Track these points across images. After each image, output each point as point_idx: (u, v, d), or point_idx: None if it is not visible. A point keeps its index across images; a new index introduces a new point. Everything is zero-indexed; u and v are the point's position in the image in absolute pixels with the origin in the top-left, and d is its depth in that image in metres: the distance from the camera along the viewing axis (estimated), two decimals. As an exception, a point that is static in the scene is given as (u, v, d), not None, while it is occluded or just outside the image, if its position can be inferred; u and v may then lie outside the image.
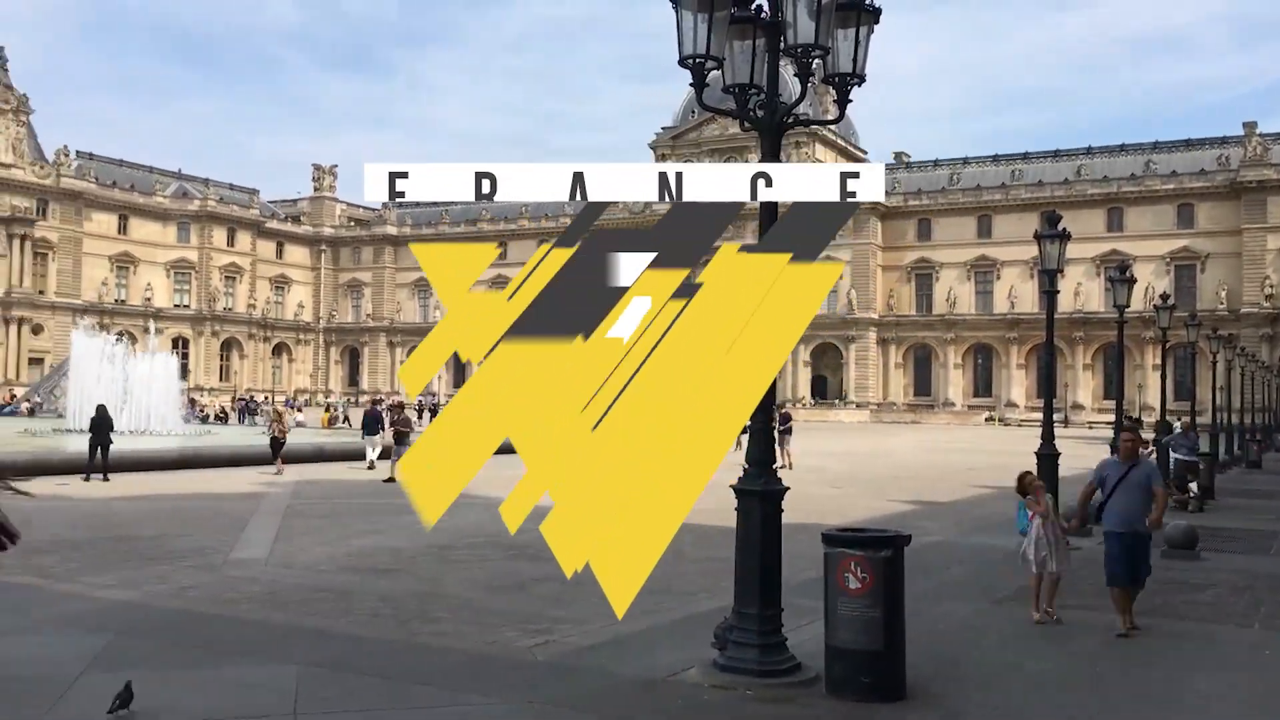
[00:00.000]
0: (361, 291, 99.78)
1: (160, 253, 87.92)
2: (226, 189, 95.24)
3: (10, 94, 77.97)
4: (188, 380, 72.05)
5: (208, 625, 8.22)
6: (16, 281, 76.31)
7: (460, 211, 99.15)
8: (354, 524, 14.47)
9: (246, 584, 9.86)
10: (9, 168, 76.99)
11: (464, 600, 9.36)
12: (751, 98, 6.92)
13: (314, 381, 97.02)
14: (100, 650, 7.19)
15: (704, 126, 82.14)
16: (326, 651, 7.39)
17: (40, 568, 10.37)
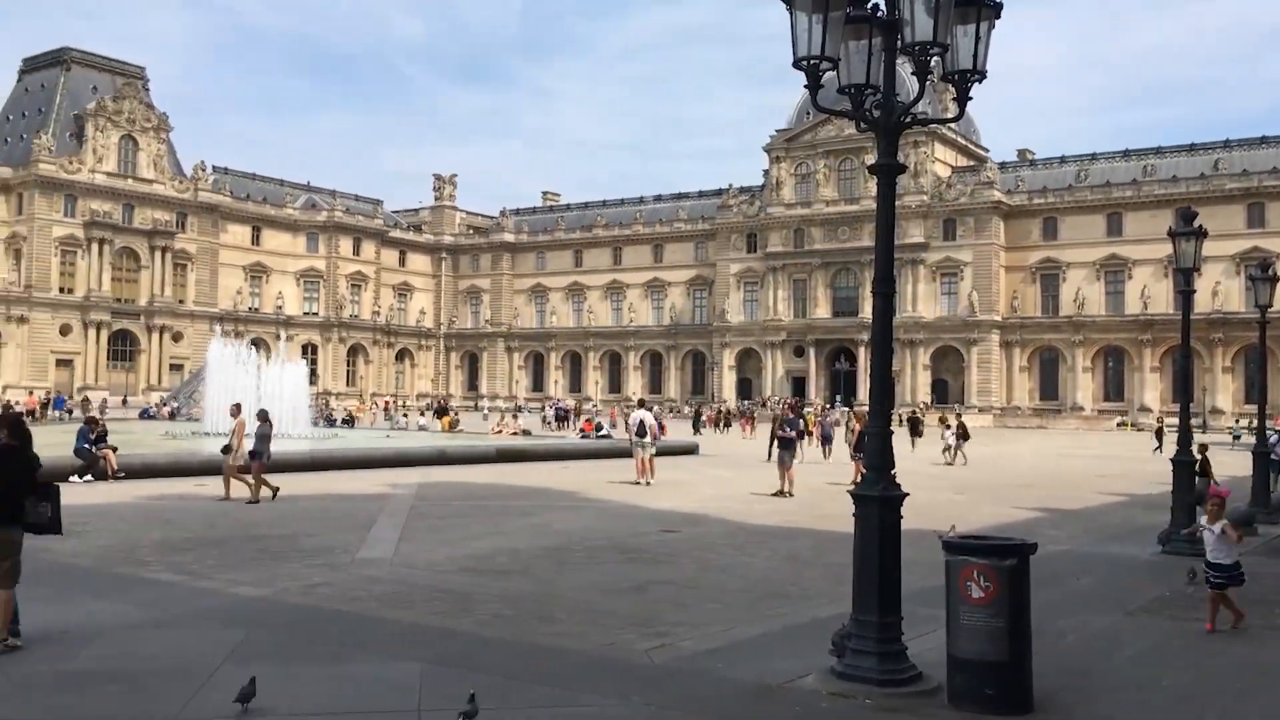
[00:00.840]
0: (480, 298, 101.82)
1: (290, 262, 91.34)
2: (352, 200, 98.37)
3: (151, 113, 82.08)
4: (316, 385, 74.63)
5: (335, 622, 8.48)
6: (158, 291, 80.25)
7: (575, 218, 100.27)
8: (474, 526, 14.75)
9: (371, 583, 10.13)
10: (150, 183, 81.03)
11: (581, 602, 9.45)
12: (868, 98, 6.82)
13: (435, 386, 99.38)
14: (236, 645, 7.49)
15: (819, 128, 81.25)
16: (449, 649, 7.55)
17: (180, 565, 10.87)
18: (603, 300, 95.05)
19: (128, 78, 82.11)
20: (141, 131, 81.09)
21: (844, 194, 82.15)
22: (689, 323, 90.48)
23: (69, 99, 79.23)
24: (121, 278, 79.12)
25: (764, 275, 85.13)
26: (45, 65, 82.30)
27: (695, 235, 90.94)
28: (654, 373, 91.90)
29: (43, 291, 74.63)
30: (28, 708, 6.06)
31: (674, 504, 17.76)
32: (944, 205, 78.50)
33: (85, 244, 76.60)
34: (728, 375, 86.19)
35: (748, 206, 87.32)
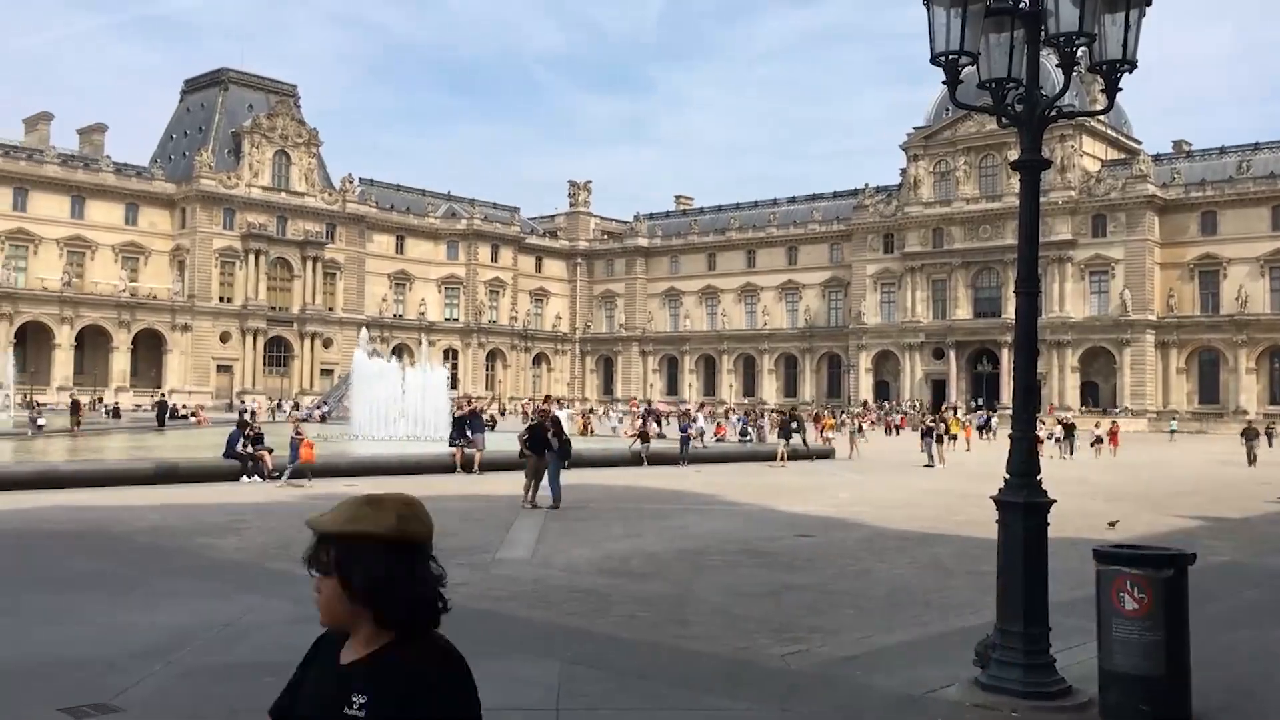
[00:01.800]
0: (615, 302, 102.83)
1: (432, 269, 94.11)
2: (490, 208, 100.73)
3: (303, 129, 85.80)
4: (457, 389, 76.66)
5: (476, 620, 8.68)
6: (309, 299, 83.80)
7: (709, 221, 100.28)
8: (610, 528, 14.89)
9: (510, 583, 10.34)
10: (302, 196, 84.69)
11: (717, 606, 9.44)
12: (1009, 92, 6.62)
13: (571, 390, 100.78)
14: (383, 639, 7.74)
15: (958, 125, 79.16)
16: (586, 650, 7.65)
17: (331, 561, 11.29)
18: (737, 303, 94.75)
19: (281, 95, 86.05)
20: (293, 146, 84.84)
21: (985, 191, 79.83)
22: (824, 325, 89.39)
23: (227, 117, 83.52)
24: (276, 286, 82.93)
25: (901, 276, 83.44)
26: (205, 86, 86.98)
27: (830, 236, 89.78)
28: (789, 376, 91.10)
29: (204, 301, 78.81)
30: (193, 696, 6.41)
31: (809, 508, 17.57)
32: (1093, 200, 75.43)
33: (243, 255, 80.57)
34: (864, 378, 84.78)
35: (884, 206, 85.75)
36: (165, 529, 13.70)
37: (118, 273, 76.81)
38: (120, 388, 72.79)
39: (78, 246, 75.92)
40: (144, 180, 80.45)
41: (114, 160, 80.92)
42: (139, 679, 6.55)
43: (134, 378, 75.89)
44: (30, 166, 74.72)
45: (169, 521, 14.36)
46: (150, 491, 18.14)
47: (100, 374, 74.09)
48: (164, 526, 13.92)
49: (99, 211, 77.15)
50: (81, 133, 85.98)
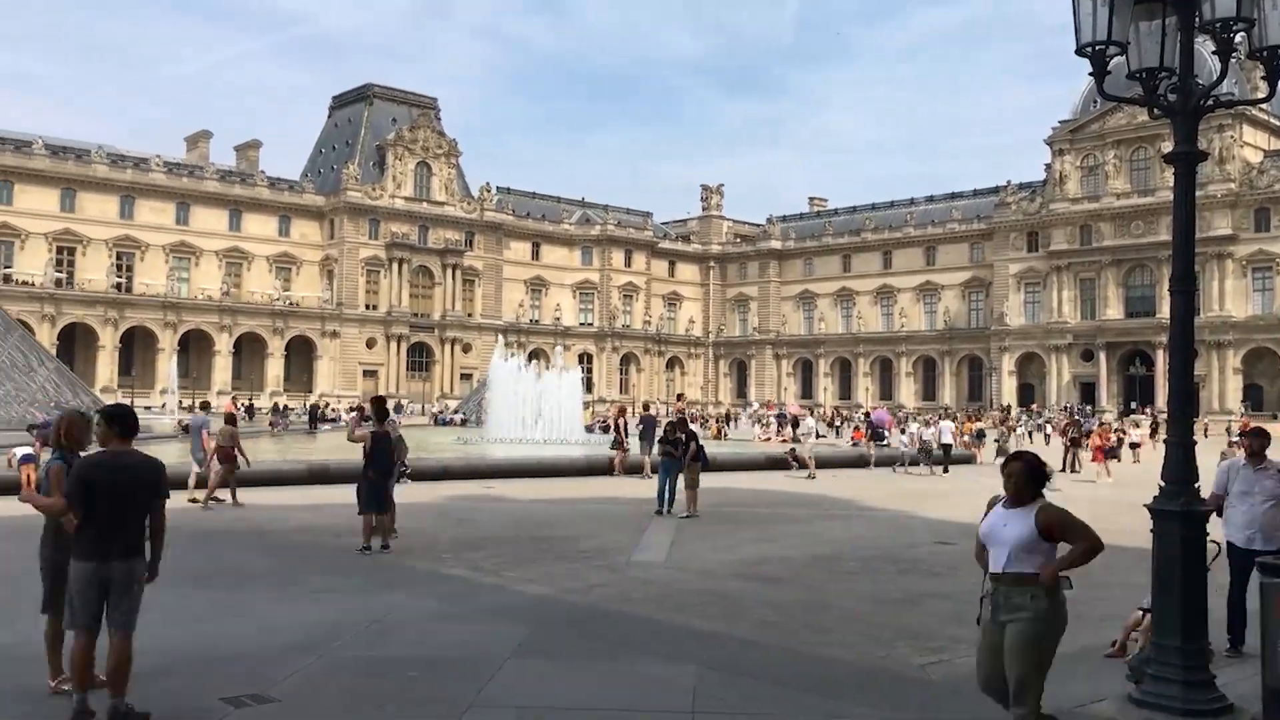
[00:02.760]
0: (748, 305, 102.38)
1: (567, 275, 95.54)
2: (623, 213, 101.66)
3: (443, 140, 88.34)
4: (591, 393, 77.62)
5: (612, 622, 8.77)
6: (449, 306, 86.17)
7: (843, 222, 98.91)
8: (745, 532, 14.83)
9: (646, 585, 10.40)
10: (442, 205, 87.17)
11: (853, 612, 9.30)
12: (1161, 82, 6.33)
13: (704, 393, 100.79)
14: (522, 640, 7.90)
15: (1107, 117, 75.99)
16: (720, 654, 7.63)
17: (472, 562, 11.59)
18: (872, 305, 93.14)
19: (422, 108, 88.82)
20: (434, 158, 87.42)
21: (1136, 185, 76.40)
22: (964, 326, 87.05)
23: (372, 131, 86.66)
24: (418, 294, 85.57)
25: (1047, 275, 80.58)
26: (351, 101, 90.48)
27: (970, 236, 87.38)
28: (927, 379, 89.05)
29: (351, 308, 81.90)
30: (343, 689, 6.66)
31: (950, 514, 17.13)
32: (1255, 193, 71.32)
33: (387, 263, 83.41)
34: (1007, 381, 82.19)
35: (1028, 203, 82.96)
36: (316, 528, 14.28)
37: (272, 282, 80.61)
38: (274, 392, 76.24)
39: (235, 258, 79.92)
40: (295, 194, 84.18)
41: (268, 175, 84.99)
42: (292, 671, 6.85)
43: (287, 382, 79.41)
44: (191, 182, 79.06)
45: (320, 521, 14.96)
46: (303, 491, 18.96)
47: (256, 379, 77.82)
48: (315, 525, 14.51)
49: (254, 224, 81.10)
50: (238, 149, 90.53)
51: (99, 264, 73.55)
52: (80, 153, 75.49)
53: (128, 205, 75.79)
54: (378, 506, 12.27)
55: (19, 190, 71.32)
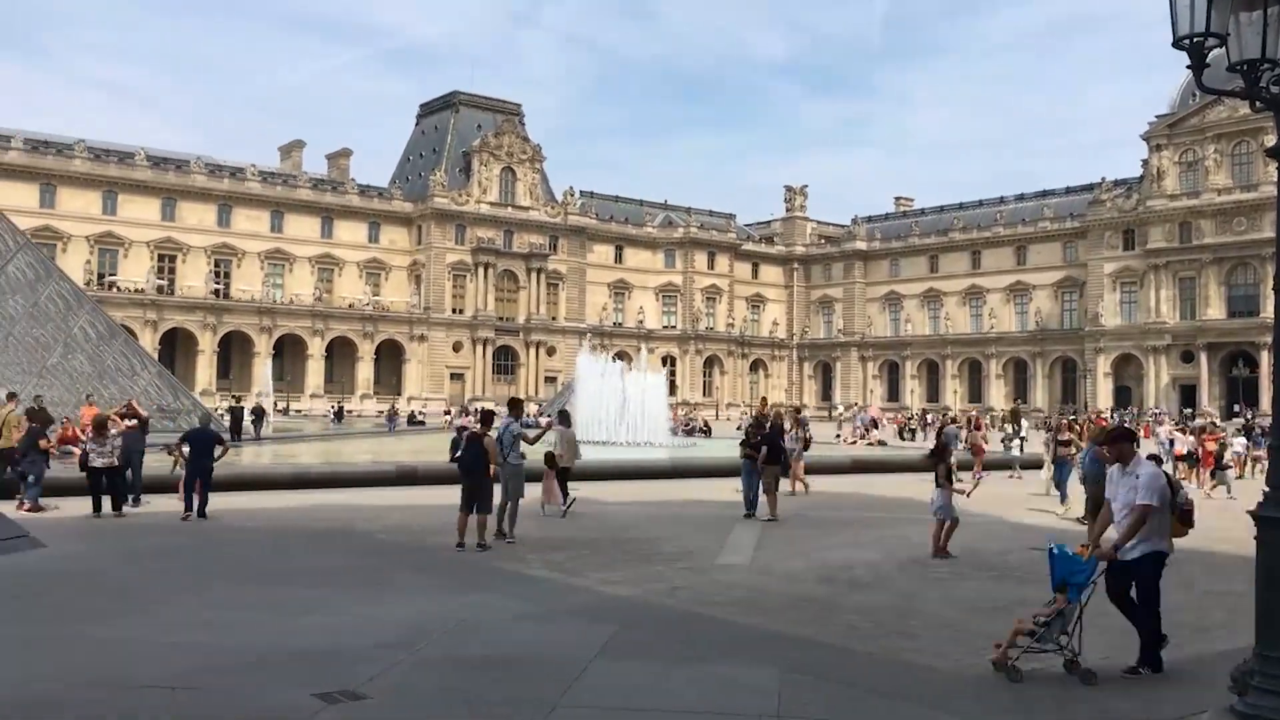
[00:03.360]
0: (832, 307, 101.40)
1: (650, 278, 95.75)
2: (706, 215, 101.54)
3: (527, 145, 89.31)
4: (675, 396, 77.65)
5: (697, 624, 8.77)
6: (534, 309, 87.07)
7: (930, 222, 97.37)
8: (830, 536, 14.69)
9: (730, 588, 10.38)
10: (526, 210, 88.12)
11: (944, 619, 9.14)
12: (1264, 73, 6.09)
13: (788, 396, 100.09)
14: (606, 640, 7.94)
15: (1206, 111, 73.45)
16: (806, 658, 7.58)
17: (555, 563, 11.69)
18: (961, 306, 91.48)
19: (506, 114, 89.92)
20: (519, 163, 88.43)
21: (1238, 180, 73.71)
22: (1056, 327, 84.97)
23: (458, 138, 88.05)
24: (503, 298, 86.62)
25: (1143, 274, 78.23)
26: (438, 109, 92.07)
27: (1062, 234, 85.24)
28: (1018, 381, 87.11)
29: (438, 312, 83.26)
30: (432, 687, 6.78)
31: (1042, 520, 16.76)
32: (1365, 187, 68.28)
33: (473, 268, 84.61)
34: (1102, 383, 79.98)
35: (1123, 201, 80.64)
36: (404, 528, 14.55)
37: (362, 287, 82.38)
38: (365, 394, 77.88)
39: (327, 264, 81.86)
40: (384, 200, 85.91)
41: (358, 183, 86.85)
42: (383, 669, 6.99)
43: (376, 385, 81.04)
44: (285, 191, 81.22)
45: (408, 521, 15.24)
46: (392, 493, 19.35)
47: (347, 381, 79.59)
48: (403, 526, 14.78)
49: (345, 231, 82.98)
50: (330, 158, 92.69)
51: (198, 271, 75.98)
52: (180, 163, 78.08)
53: (225, 214, 78.18)
54: (477, 507, 12.51)
55: (123, 200, 74.05)
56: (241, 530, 14.25)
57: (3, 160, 69.76)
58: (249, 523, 15.05)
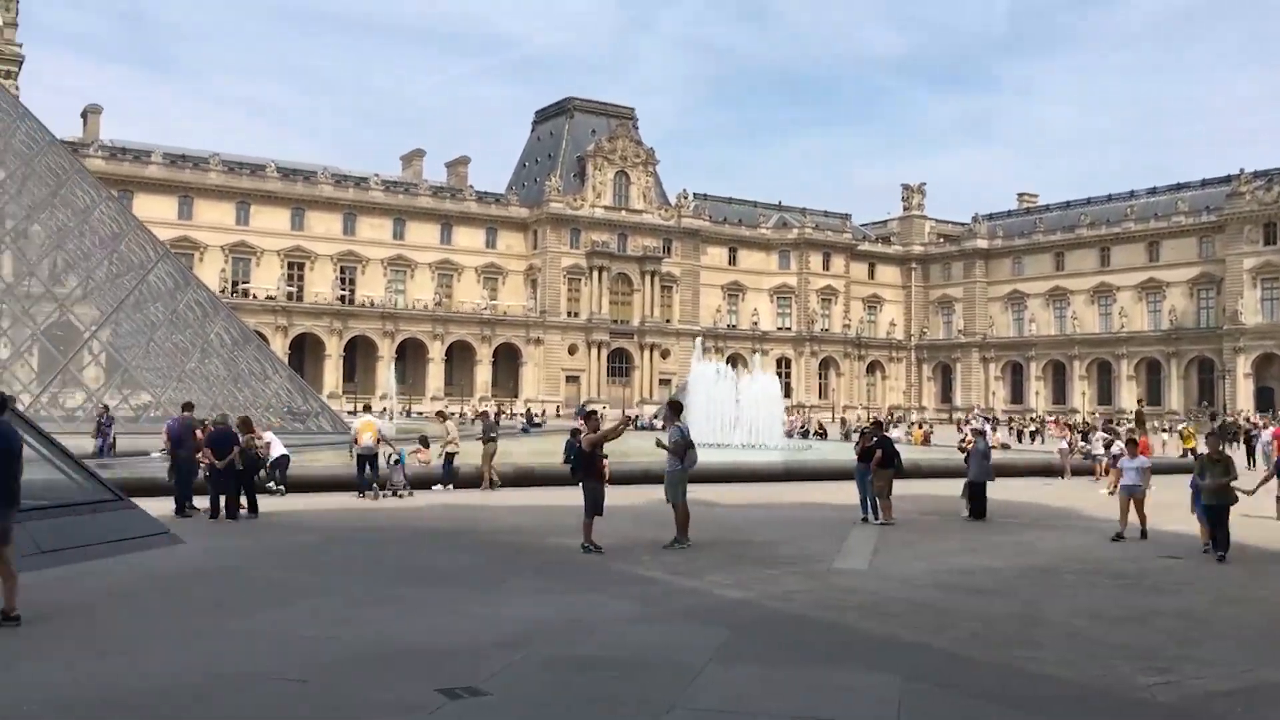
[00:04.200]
0: (952, 307, 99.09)
1: (764, 280, 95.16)
2: (821, 216, 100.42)
3: (640, 149, 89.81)
4: (790, 398, 76.98)
5: (813, 629, 8.67)
6: (648, 312, 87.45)
7: (1055, 219, 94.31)
8: (950, 540, 14.36)
9: (847, 593, 10.22)
10: (640, 213, 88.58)
11: (1070, 628, 8.83)
12: None
13: (906, 398, 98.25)
14: (720, 644, 7.91)
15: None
16: (926, 665, 7.41)
17: (670, 565, 11.71)
18: (1088, 305, 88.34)
19: (620, 119, 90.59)
20: (632, 167, 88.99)
21: (1392, 168, 69.42)
22: (1192, 326, 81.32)
23: (572, 143, 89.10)
24: (617, 300, 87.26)
25: (1286, 269, 74.30)
26: (552, 115, 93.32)
27: (1198, 229, 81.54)
28: (1151, 382, 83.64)
29: (554, 315, 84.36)
30: (550, 685, 6.86)
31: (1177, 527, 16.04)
32: None
33: (587, 271, 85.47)
34: (1242, 384, 76.21)
35: (1264, 193, 76.71)
36: (523, 529, 14.78)
37: (479, 292, 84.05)
38: (483, 397, 79.33)
39: (446, 269, 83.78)
40: (501, 206, 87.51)
41: (476, 190, 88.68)
42: (502, 666, 7.11)
43: (495, 387, 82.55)
44: (407, 199, 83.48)
45: (526, 522, 15.48)
46: (509, 493, 19.66)
47: (466, 384, 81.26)
48: (522, 526, 15.01)
49: (464, 237, 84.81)
50: (449, 166, 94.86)
51: (325, 277, 78.64)
52: (308, 174, 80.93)
53: (350, 222, 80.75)
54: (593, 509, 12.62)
55: (255, 210, 77.18)
56: (368, 529, 14.67)
57: (144, 175, 73.42)
58: (374, 522, 15.48)
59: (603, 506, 12.75)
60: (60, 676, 6.72)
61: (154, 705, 6.18)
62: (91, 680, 6.64)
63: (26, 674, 6.78)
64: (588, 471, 12.90)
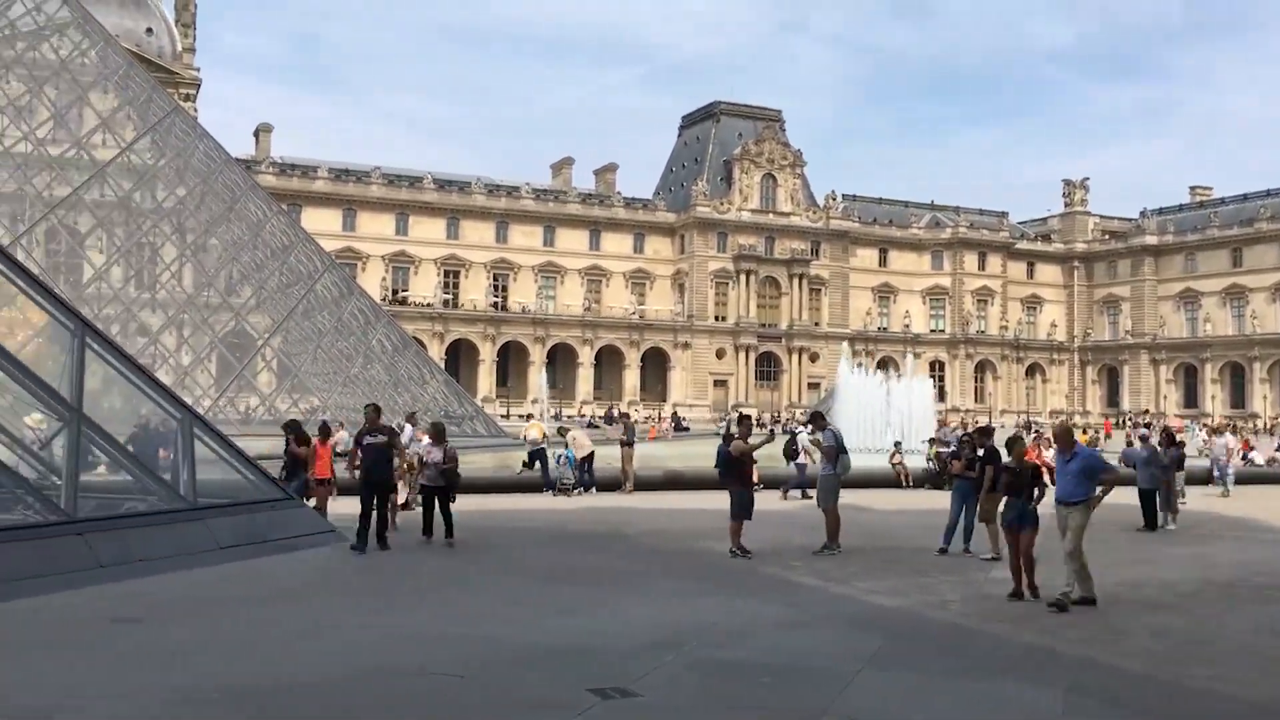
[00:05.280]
0: (1118, 307, 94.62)
1: (916, 281, 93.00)
2: (976, 214, 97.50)
3: (787, 151, 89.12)
4: (944, 402, 74.98)
5: (970, 638, 8.43)
6: (796, 315, 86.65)
7: (1231, 212, 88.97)
8: (1119, 551, 13.74)
9: (1006, 602, 9.90)
10: (787, 216, 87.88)
11: (1247, 646, 8.33)
12: None
13: (1069, 403, 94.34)
14: (874, 651, 7.77)
15: None
16: (1092, 680, 7.11)
17: (820, 570, 11.57)
18: (1270, 303, 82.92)
19: (767, 121, 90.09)
20: (779, 169, 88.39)
21: None
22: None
23: (719, 147, 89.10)
24: (765, 304, 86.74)
25: None
26: (699, 120, 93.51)
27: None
28: (1340, 385, 77.97)
29: (701, 320, 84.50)
30: (700, 688, 6.87)
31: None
32: None
33: (734, 275, 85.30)
34: None
35: None
36: (672, 532, 14.85)
37: (627, 297, 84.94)
38: (631, 401, 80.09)
39: (595, 275, 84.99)
40: (649, 212, 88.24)
41: (623, 196, 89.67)
42: (652, 668, 7.15)
43: (643, 392, 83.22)
44: (556, 206, 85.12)
45: (675, 525, 15.55)
46: (657, 497, 19.80)
47: (614, 389, 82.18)
48: (671, 530, 15.09)
49: (612, 242, 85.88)
50: (596, 173, 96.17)
51: (478, 285, 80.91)
52: (462, 185, 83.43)
53: (502, 230, 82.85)
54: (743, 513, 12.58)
55: (413, 221, 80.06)
56: (520, 530, 15.00)
57: (311, 189, 77.07)
58: (526, 523, 15.83)
59: (751, 510, 12.68)
60: (235, 665, 7.12)
61: (319, 693, 6.48)
62: (265, 669, 7.00)
63: (204, 662, 7.20)
64: (735, 476, 12.87)
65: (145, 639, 7.89)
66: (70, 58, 30.71)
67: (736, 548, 12.39)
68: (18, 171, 31.46)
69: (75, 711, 5.94)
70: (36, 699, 6.12)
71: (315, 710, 6.19)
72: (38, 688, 6.37)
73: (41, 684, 6.45)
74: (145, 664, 7.07)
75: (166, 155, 31.43)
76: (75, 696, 6.19)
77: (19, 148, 31.49)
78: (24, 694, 6.22)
